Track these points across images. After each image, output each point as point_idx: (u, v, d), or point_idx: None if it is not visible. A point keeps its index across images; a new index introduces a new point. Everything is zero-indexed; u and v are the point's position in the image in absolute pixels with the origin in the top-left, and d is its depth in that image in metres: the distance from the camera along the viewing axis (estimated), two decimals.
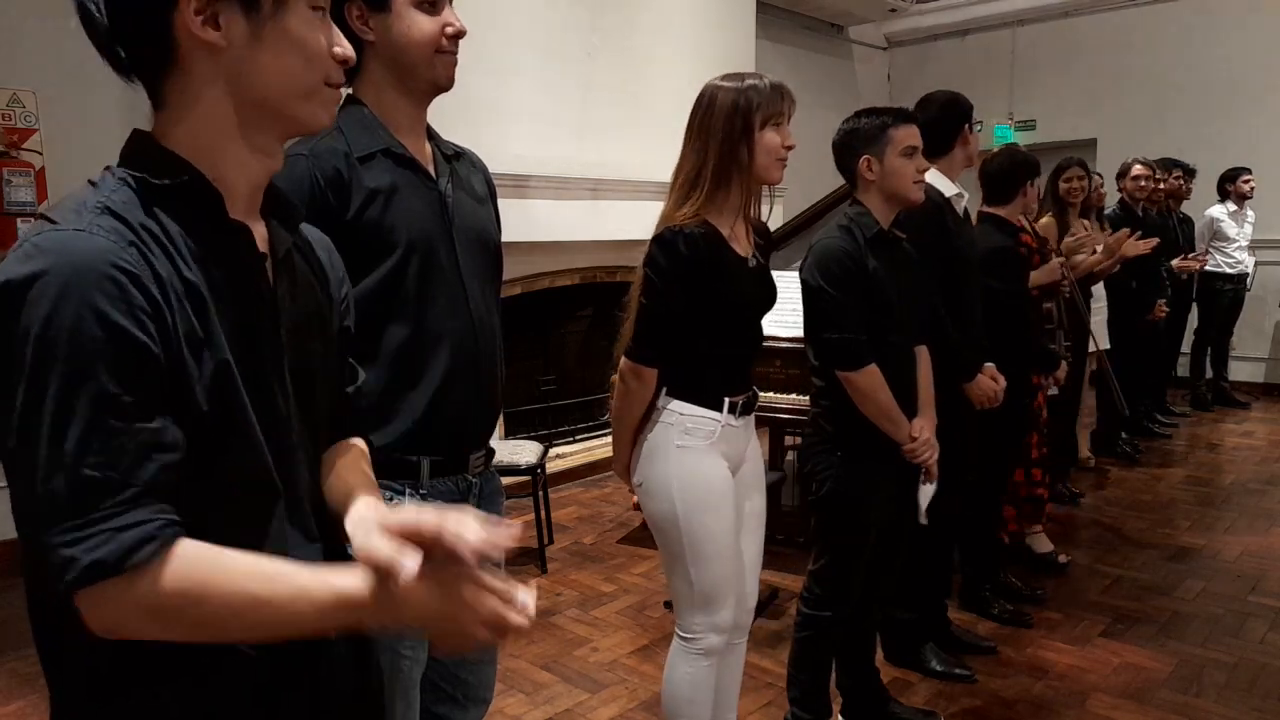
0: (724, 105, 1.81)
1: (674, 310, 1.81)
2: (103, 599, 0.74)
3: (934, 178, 2.55)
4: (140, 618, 0.76)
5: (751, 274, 1.88)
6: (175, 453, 0.78)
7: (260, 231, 0.94)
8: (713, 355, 1.87)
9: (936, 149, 2.56)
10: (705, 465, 1.87)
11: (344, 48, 0.91)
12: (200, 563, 0.78)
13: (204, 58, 0.85)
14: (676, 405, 1.87)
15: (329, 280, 1.05)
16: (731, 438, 1.91)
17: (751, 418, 1.99)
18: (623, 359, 1.89)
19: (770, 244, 2.03)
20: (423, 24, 1.37)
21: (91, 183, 0.84)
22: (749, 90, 1.81)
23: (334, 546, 0.97)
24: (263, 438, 0.86)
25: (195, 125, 0.87)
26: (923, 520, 2.27)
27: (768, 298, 1.94)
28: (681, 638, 1.95)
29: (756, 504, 2.03)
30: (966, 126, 2.65)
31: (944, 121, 2.63)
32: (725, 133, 1.81)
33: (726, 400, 1.88)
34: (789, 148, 1.85)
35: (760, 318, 1.95)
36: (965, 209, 2.70)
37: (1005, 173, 3.00)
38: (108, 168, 0.87)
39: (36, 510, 0.73)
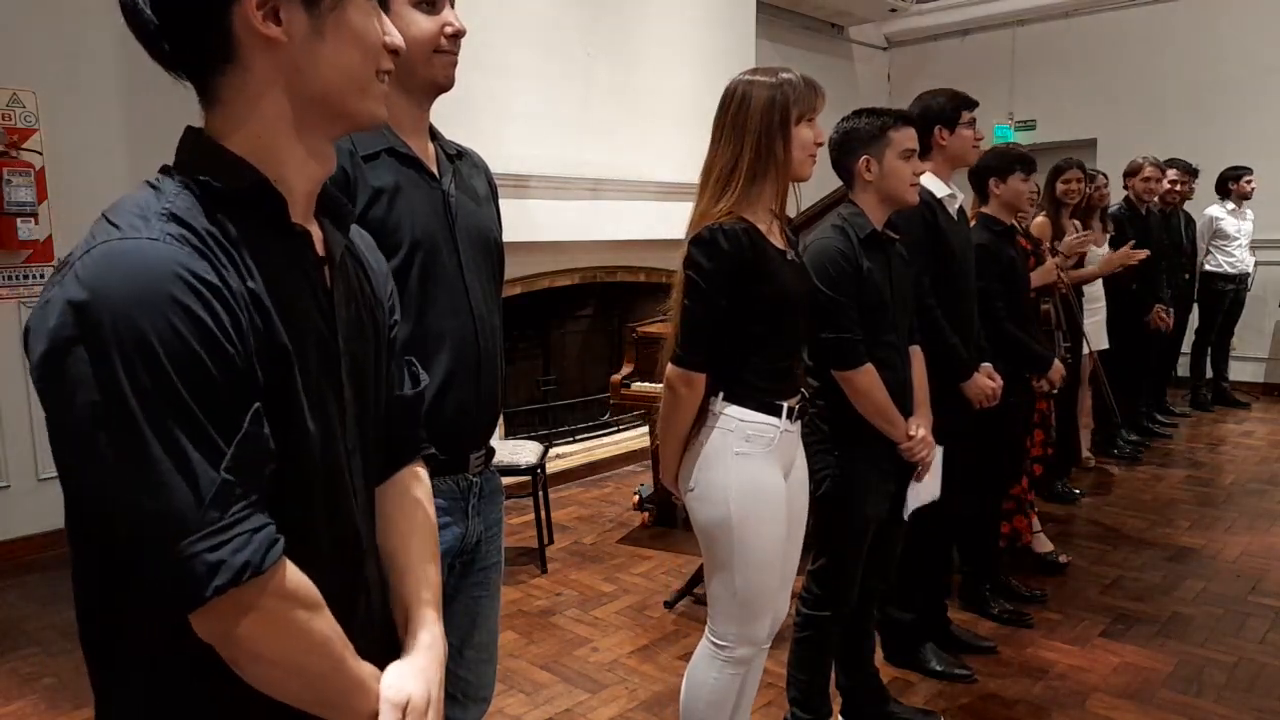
0: (760, 101, 1.79)
1: (719, 310, 1.77)
2: (237, 602, 0.76)
3: (925, 179, 2.56)
4: (260, 623, 0.78)
5: (790, 266, 1.86)
6: (271, 460, 0.79)
7: (317, 234, 0.92)
8: (762, 355, 1.83)
9: (921, 151, 2.57)
10: (764, 474, 1.84)
11: (394, 36, 0.90)
12: (302, 577, 0.82)
13: (263, 54, 0.83)
14: (734, 411, 1.82)
15: (377, 279, 1.04)
16: (787, 444, 1.88)
17: (801, 423, 1.96)
18: (669, 366, 1.83)
19: (797, 238, 2.00)
20: (421, 23, 1.37)
21: (150, 184, 0.82)
22: (785, 85, 1.79)
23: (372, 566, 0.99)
24: (318, 448, 0.86)
25: (257, 126, 0.85)
26: (905, 517, 2.28)
27: (809, 291, 1.92)
28: (713, 644, 1.92)
29: (800, 512, 1.99)
30: (939, 129, 2.64)
31: (920, 123, 2.64)
32: (762, 129, 1.78)
33: (785, 405, 1.85)
34: (820, 144, 1.84)
35: (803, 312, 1.91)
36: (960, 209, 2.70)
37: (975, 171, 3.00)
38: (165, 168, 0.84)
39: (164, 523, 0.72)
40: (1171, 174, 5.50)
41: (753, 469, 1.82)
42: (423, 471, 1.11)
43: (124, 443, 0.72)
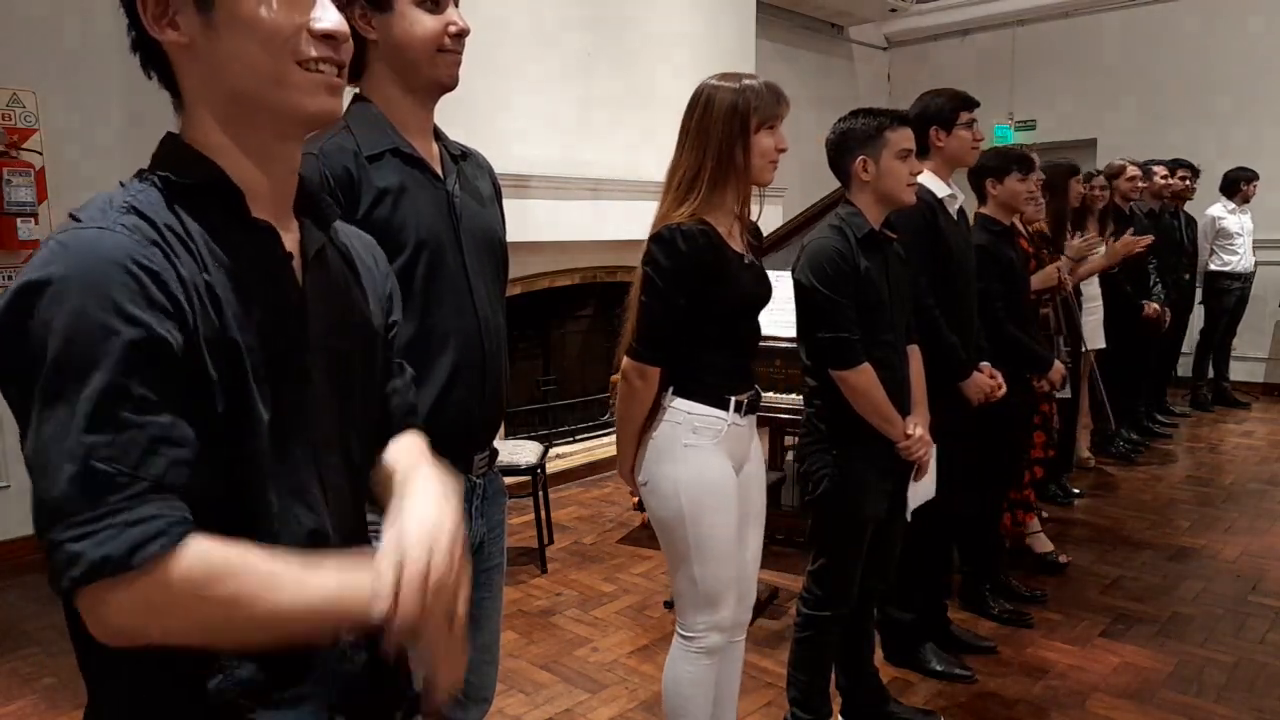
0: (722, 106, 1.81)
1: (676, 308, 1.81)
2: (107, 597, 0.73)
3: (926, 178, 2.56)
4: (144, 618, 0.74)
5: (748, 269, 1.89)
6: (186, 448, 0.77)
7: (291, 230, 0.92)
8: (716, 353, 1.88)
9: (920, 151, 2.57)
10: (712, 465, 1.87)
11: (330, 21, 0.85)
12: (209, 560, 0.76)
13: (184, 59, 0.85)
14: (683, 404, 1.87)
15: (368, 278, 1.03)
16: (736, 437, 1.92)
17: (754, 417, 2.00)
18: (625, 359, 1.89)
19: (761, 244, 2.04)
20: (425, 23, 1.37)
21: (122, 184, 0.84)
22: (746, 92, 1.81)
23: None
24: (272, 441, 0.84)
25: (202, 127, 0.86)
26: (908, 518, 2.28)
27: (765, 294, 1.95)
28: (683, 636, 1.95)
29: (757, 502, 2.04)
30: (935, 129, 2.64)
31: (918, 124, 2.65)
32: (723, 135, 1.81)
33: (732, 399, 1.88)
34: (781, 150, 1.86)
35: (758, 315, 1.96)
36: (961, 209, 2.70)
37: (972, 171, 3.00)
38: (140, 170, 0.86)
39: (46, 507, 0.73)
40: (1160, 171, 5.49)
41: (699, 461, 1.86)
42: (418, 436, 1.08)
43: (34, 424, 0.73)
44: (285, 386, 0.86)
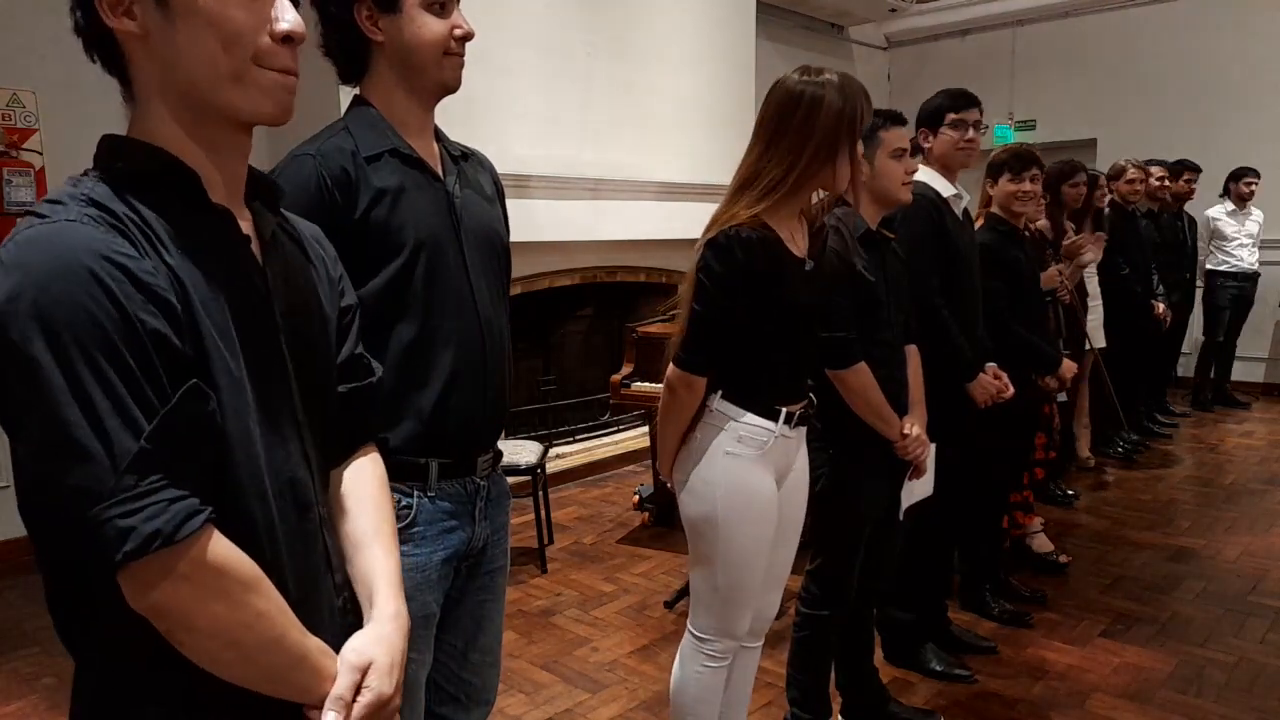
0: (831, 110, 1.70)
1: (728, 317, 1.75)
2: (155, 570, 0.76)
3: (930, 178, 2.57)
4: (186, 596, 0.77)
5: (808, 275, 1.81)
6: (215, 437, 0.81)
7: (245, 216, 0.93)
8: (772, 361, 1.81)
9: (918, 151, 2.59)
10: (753, 477, 1.82)
11: (289, 22, 0.85)
12: (233, 550, 0.81)
13: (138, 49, 0.84)
14: (731, 410, 1.81)
15: (318, 260, 1.04)
16: (783, 449, 1.86)
17: (804, 429, 1.94)
18: (671, 367, 1.81)
19: (825, 245, 1.91)
20: (433, 26, 1.37)
21: (69, 181, 0.84)
22: (856, 98, 1.71)
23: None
24: (243, 421, 0.85)
25: (154, 121, 0.86)
26: (901, 517, 2.28)
27: (826, 300, 1.88)
28: (694, 637, 1.93)
29: (796, 516, 1.98)
30: (922, 130, 2.64)
31: (919, 124, 2.66)
32: (830, 141, 1.70)
33: (783, 410, 1.82)
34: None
35: (819, 324, 1.88)
36: (966, 209, 2.70)
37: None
38: (86, 170, 0.86)
39: (79, 489, 0.73)
40: (1158, 171, 5.49)
41: (742, 470, 1.81)
42: (376, 455, 1.12)
43: (46, 413, 0.73)
44: (258, 365, 0.87)
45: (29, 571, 3.66)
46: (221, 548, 0.80)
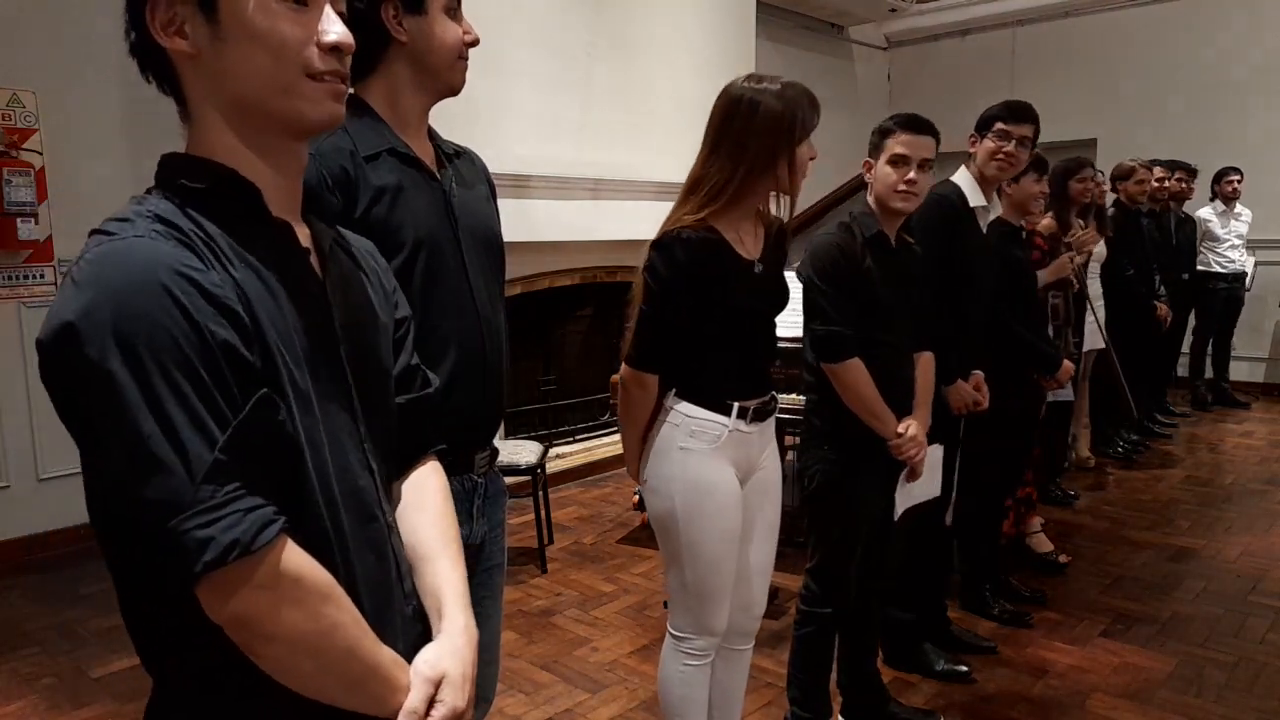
0: (767, 116, 1.73)
1: (673, 316, 1.79)
2: (234, 580, 0.76)
3: (965, 183, 2.60)
4: (264, 602, 0.78)
5: (756, 278, 1.83)
6: (288, 447, 0.82)
7: (302, 229, 0.94)
8: (721, 356, 1.83)
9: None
10: (709, 470, 1.84)
11: (336, 34, 0.87)
12: (307, 559, 0.82)
13: (189, 66, 0.86)
14: (683, 407, 1.84)
15: (374, 274, 1.06)
16: (741, 444, 1.87)
17: (769, 424, 1.95)
18: (623, 366, 1.86)
19: (784, 246, 1.95)
20: (453, 30, 1.41)
21: (134, 199, 0.85)
22: (792, 103, 1.74)
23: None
24: (314, 432, 0.87)
25: (210, 134, 0.88)
26: (895, 517, 2.28)
27: (775, 302, 1.89)
28: (673, 636, 1.95)
29: (769, 514, 1.99)
30: (973, 135, 2.65)
31: (975, 129, 2.67)
32: (766, 145, 1.74)
33: (735, 405, 1.84)
34: (812, 159, 1.82)
35: (768, 322, 1.90)
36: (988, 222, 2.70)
37: None
38: (149, 189, 0.88)
39: (158, 502, 0.74)
40: (1158, 172, 5.49)
41: (696, 464, 1.83)
42: (437, 465, 1.13)
43: (124, 428, 0.74)
44: (322, 377, 0.89)
45: (29, 571, 3.66)
46: (297, 556, 0.80)
